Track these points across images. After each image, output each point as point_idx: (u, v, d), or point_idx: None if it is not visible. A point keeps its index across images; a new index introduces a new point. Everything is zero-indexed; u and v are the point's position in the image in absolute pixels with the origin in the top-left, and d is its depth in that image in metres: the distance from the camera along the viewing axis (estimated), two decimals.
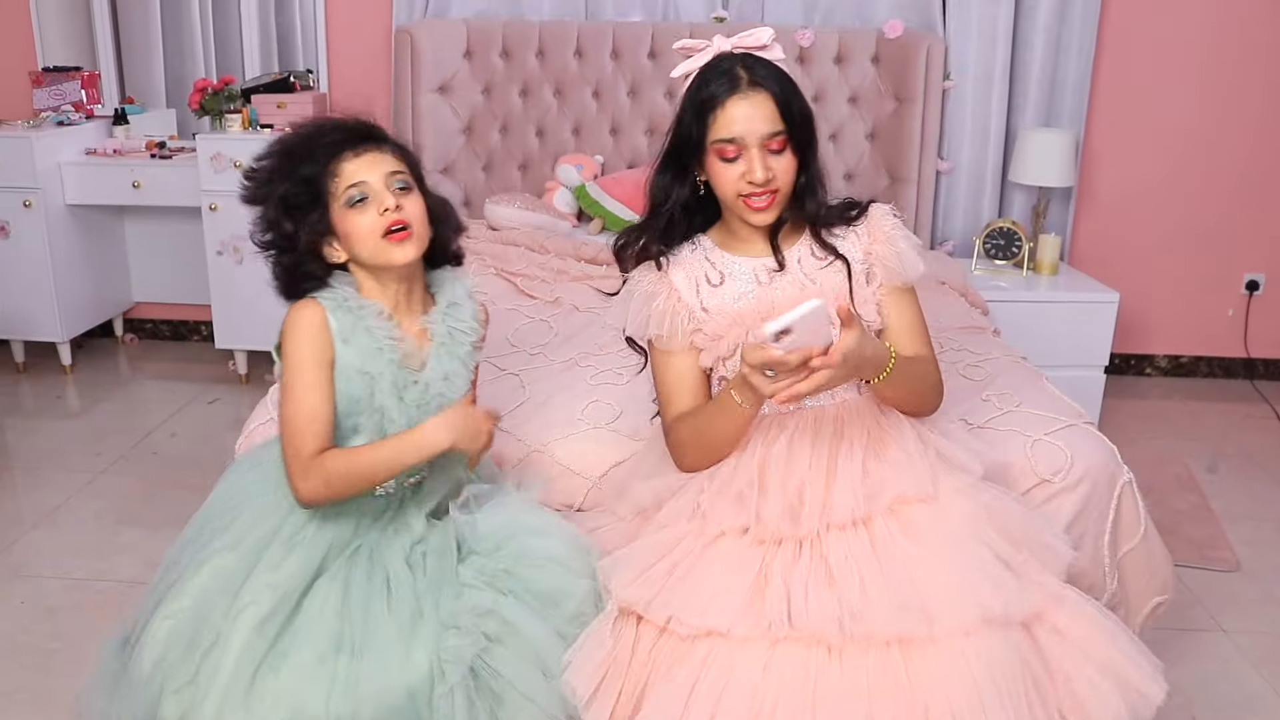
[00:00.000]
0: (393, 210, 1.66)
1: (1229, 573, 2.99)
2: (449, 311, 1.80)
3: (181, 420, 3.90)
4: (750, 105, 1.71)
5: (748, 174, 1.71)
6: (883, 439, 1.77)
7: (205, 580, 1.67)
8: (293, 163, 1.68)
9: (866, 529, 1.66)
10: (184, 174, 4.06)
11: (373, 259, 1.69)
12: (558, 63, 4.09)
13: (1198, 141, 4.29)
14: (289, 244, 1.68)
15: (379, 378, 1.70)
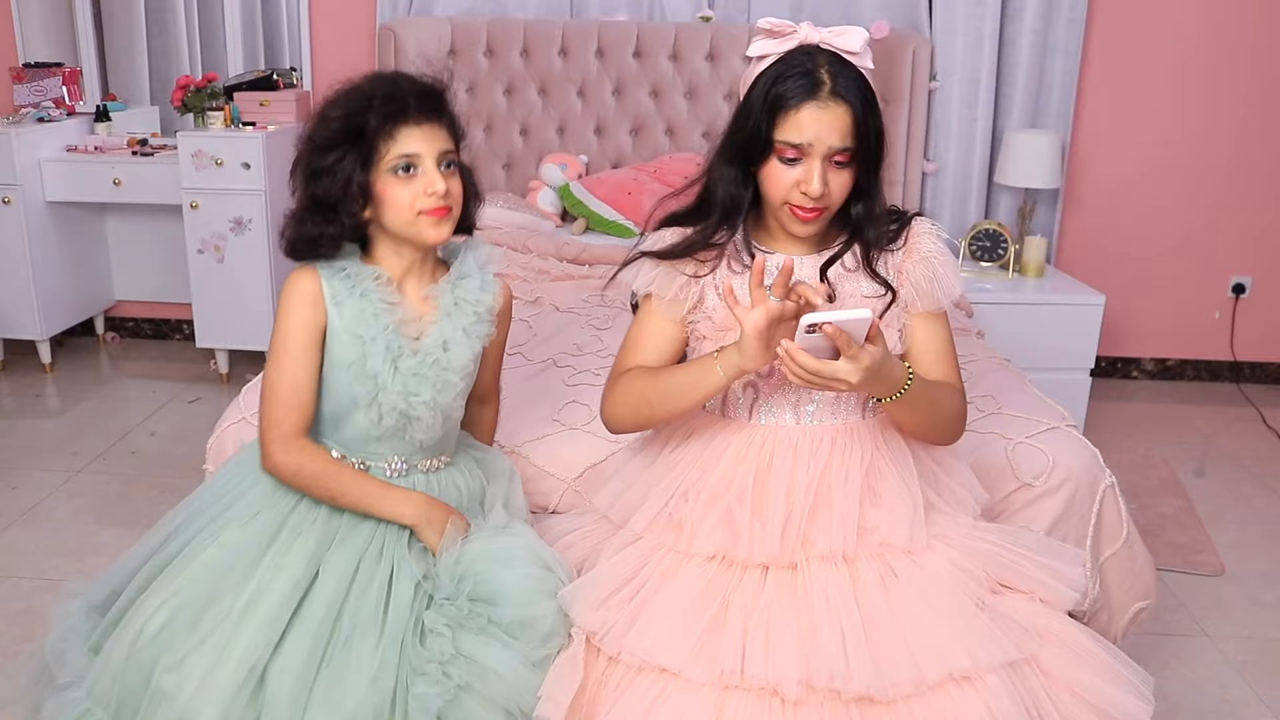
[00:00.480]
0: (439, 195, 1.62)
1: (1213, 577, 2.98)
2: (457, 282, 1.76)
3: (161, 420, 3.87)
4: (825, 115, 1.57)
5: (803, 183, 1.59)
6: (879, 472, 1.69)
7: (218, 556, 1.65)
8: (358, 110, 1.61)
9: (849, 567, 1.60)
10: (165, 172, 4.03)
11: (403, 231, 1.65)
12: (542, 61, 4.07)
13: (1184, 143, 4.28)
14: (324, 191, 1.63)
15: (372, 342, 1.66)
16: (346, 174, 1.60)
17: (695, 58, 4.07)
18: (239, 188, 3.91)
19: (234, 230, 3.93)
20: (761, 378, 1.69)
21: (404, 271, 1.72)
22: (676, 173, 3.99)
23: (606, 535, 1.76)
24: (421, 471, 1.77)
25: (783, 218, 1.66)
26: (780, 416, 1.71)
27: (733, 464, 1.68)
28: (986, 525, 1.72)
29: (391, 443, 1.73)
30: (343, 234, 1.66)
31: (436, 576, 1.66)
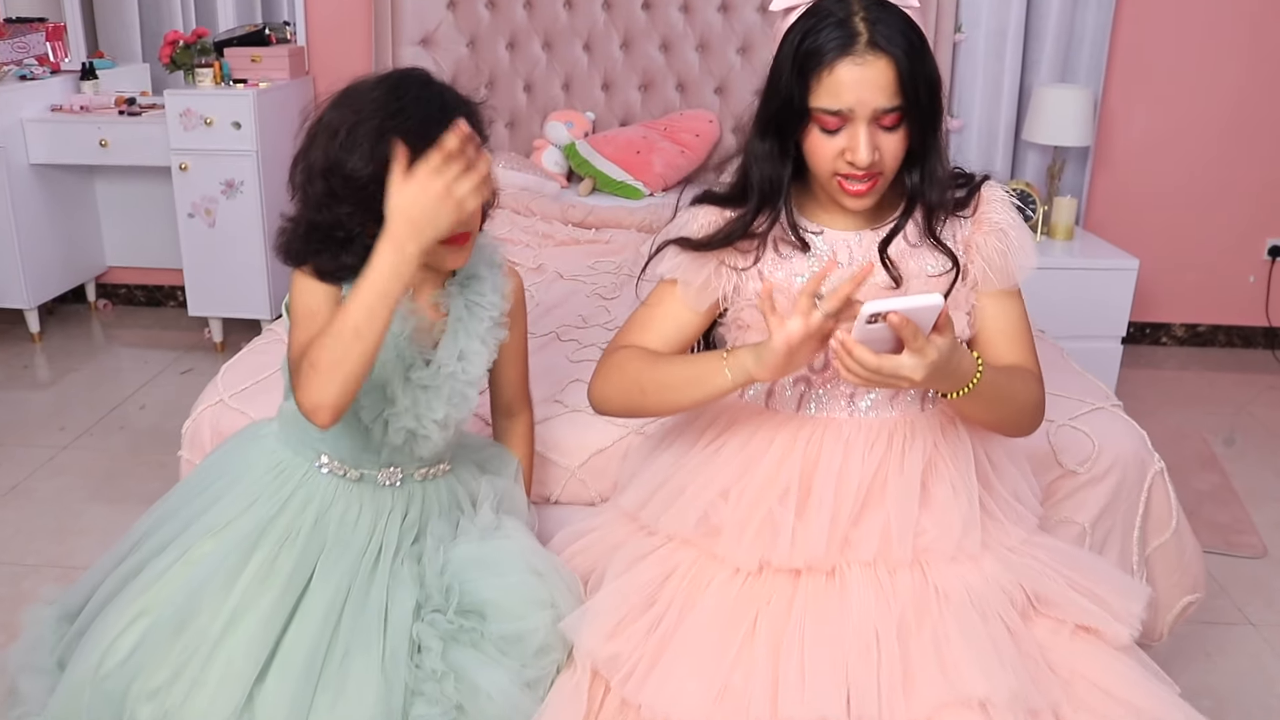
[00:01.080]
0: (462, 223, 1.42)
1: (1255, 559, 2.82)
2: (467, 284, 1.60)
3: (152, 392, 3.72)
4: (865, 72, 1.35)
5: (849, 152, 1.39)
6: (936, 471, 1.51)
7: (189, 571, 1.49)
8: (365, 132, 1.40)
9: (891, 577, 1.44)
10: (154, 132, 3.86)
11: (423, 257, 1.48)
12: (547, 13, 3.89)
13: (1221, 99, 4.08)
14: (326, 224, 1.45)
15: (383, 350, 1.49)
16: (375, 208, 1.38)
17: (708, 9, 3.88)
18: (230, 148, 3.73)
19: (225, 193, 3.77)
20: (815, 371, 1.52)
21: (415, 282, 1.55)
22: (688, 130, 3.81)
23: (623, 538, 1.59)
24: (418, 481, 1.62)
25: (833, 191, 1.46)
26: (832, 408, 1.53)
27: (777, 461, 1.51)
28: (1040, 540, 1.55)
29: (391, 454, 1.58)
30: (359, 265, 1.43)
31: (426, 585, 1.51)
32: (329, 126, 1.43)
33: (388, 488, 1.59)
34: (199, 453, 1.96)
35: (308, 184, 1.45)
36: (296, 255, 1.48)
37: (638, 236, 3.07)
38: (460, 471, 1.69)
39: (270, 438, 1.61)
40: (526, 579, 1.51)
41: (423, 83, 1.45)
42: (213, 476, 1.60)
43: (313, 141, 1.44)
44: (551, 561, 1.56)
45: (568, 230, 3.09)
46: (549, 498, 1.93)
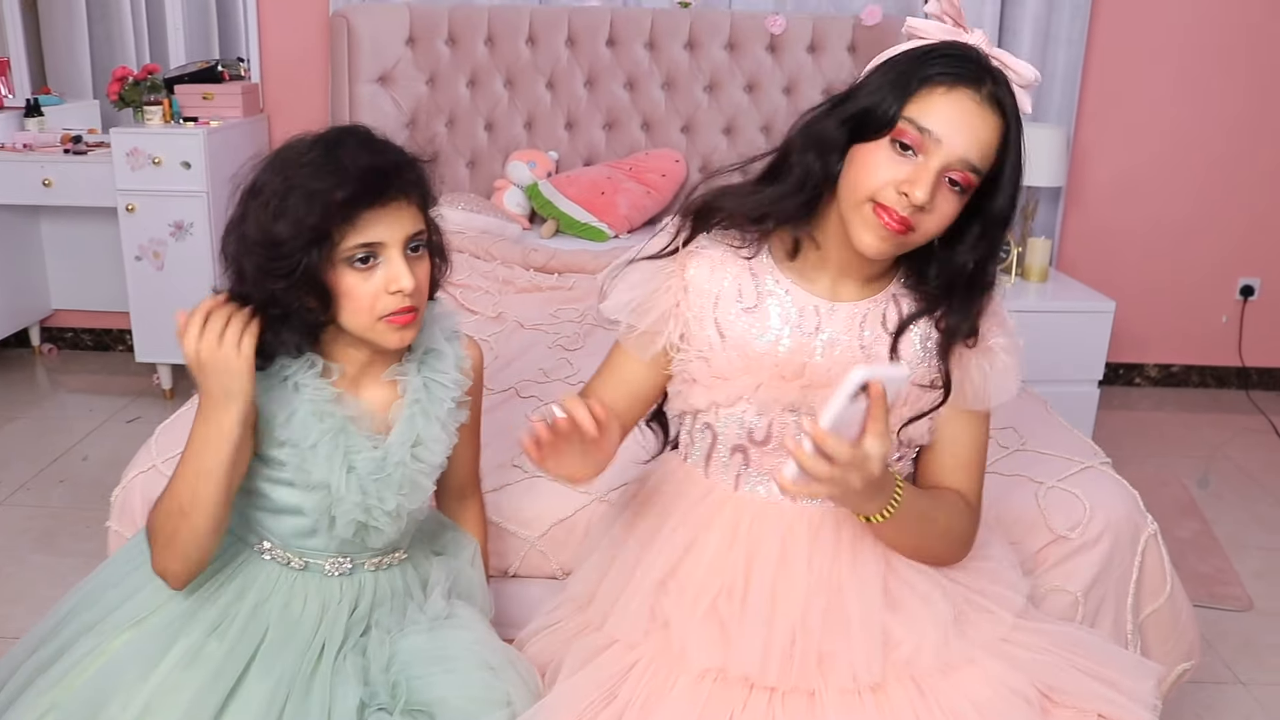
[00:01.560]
0: (405, 294, 1.33)
1: (1241, 612, 2.73)
2: (426, 360, 1.46)
3: (97, 441, 3.56)
4: (975, 115, 1.23)
5: (908, 184, 1.24)
6: (894, 567, 1.38)
7: (102, 662, 1.35)
8: (295, 199, 1.28)
9: (874, 696, 1.31)
10: (100, 171, 3.71)
11: (361, 334, 1.36)
12: (508, 51, 3.79)
13: (1193, 139, 4.05)
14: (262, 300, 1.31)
15: (311, 450, 1.37)
16: (303, 276, 1.29)
17: (673, 46, 3.79)
18: (179, 189, 3.59)
19: (174, 235, 3.63)
20: (755, 443, 1.40)
21: (359, 370, 1.43)
22: (654, 170, 3.72)
23: (580, 629, 1.46)
24: (369, 570, 1.49)
25: (856, 220, 1.29)
26: (773, 489, 1.41)
27: (717, 547, 1.39)
28: (1035, 625, 1.42)
29: (341, 544, 1.44)
30: (301, 344, 1.36)
31: (371, 681, 1.38)
32: (260, 193, 1.30)
33: (336, 577, 1.46)
34: (129, 524, 1.82)
35: (241, 257, 1.31)
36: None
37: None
38: (416, 557, 1.56)
39: None
40: (479, 675, 1.38)
41: (362, 141, 1.33)
42: (141, 558, 1.45)
43: (244, 209, 1.32)
44: (507, 654, 1.43)
45: (529, 276, 2.97)
46: (507, 571, 1.80)
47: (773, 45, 3.78)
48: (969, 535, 1.41)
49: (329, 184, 1.27)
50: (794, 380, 1.36)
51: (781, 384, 1.36)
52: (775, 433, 1.37)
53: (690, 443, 1.47)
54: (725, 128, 3.84)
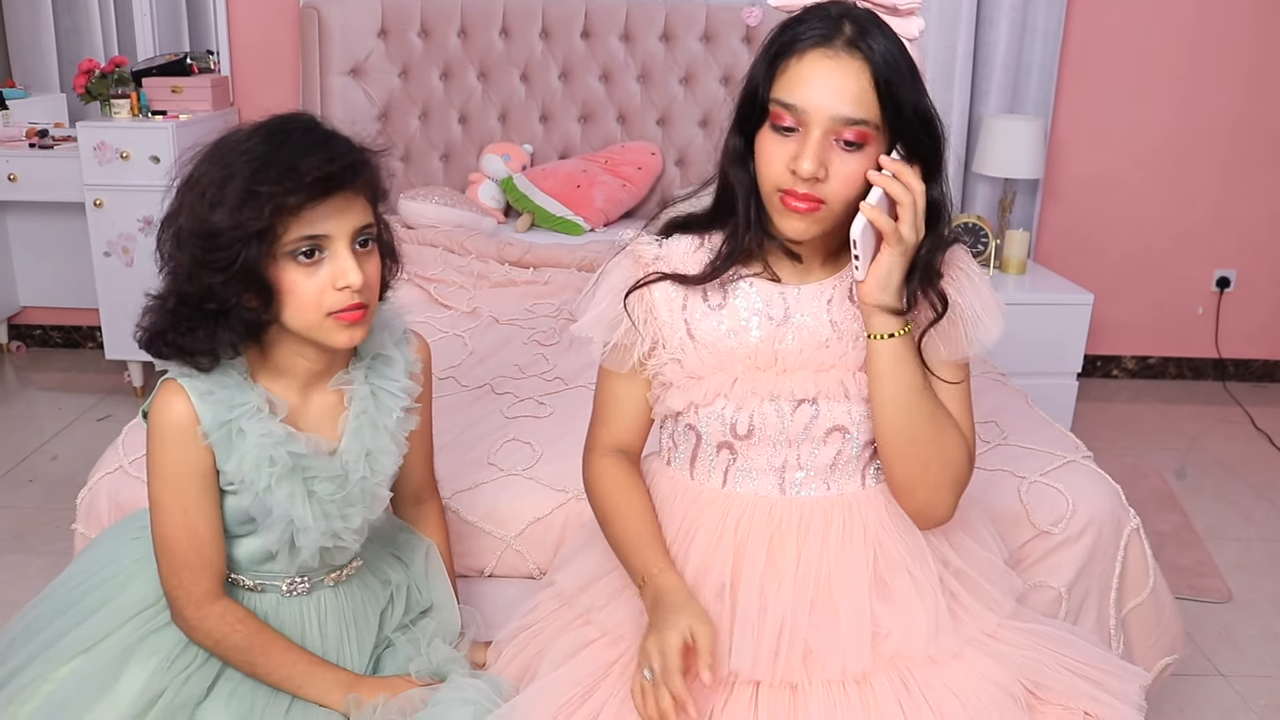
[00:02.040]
0: (353, 290, 1.25)
1: (1221, 604, 2.73)
2: (373, 366, 1.40)
3: (66, 440, 3.50)
4: (835, 67, 1.21)
5: (793, 160, 1.23)
6: (887, 554, 1.36)
7: (48, 691, 1.31)
8: (234, 189, 1.20)
9: (858, 688, 1.29)
10: (66, 166, 3.65)
11: (306, 333, 1.29)
12: (482, 42, 3.74)
13: (1169, 130, 4.04)
14: (197, 296, 1.25)
15: (266, 492, 1.31)
16: (241, 270, 1.22)
17: (649, 38, 3.76)
18: (147, 183, 3.52)
19: (143, 230, 3.57)
20: (739, 438, 1.37)
21: (307, 376, 1.36)
22: (629, 163, 3.69)
23: (562, 628, 1.43)
24: (329, 586, 1.44)
25: (772, 212, 1.29)
26: (761, 483, 1.39)
27: (707, 547, 1.36)
28: (1022, 624, 1.40)
29: (298, 567, 1.40)
30: (238, 342, 1.29)
31: None
32: (197, 184, 1.23)
33: (294, 598, 1.41)
34: (96, 526, 1.77)
35: (176, 251, 1.25)
36: (164, 338, 1.27)
37: (578, 276, 2.92)
38: (373, 561, 1.52)
39: (149, 542, 1.41)
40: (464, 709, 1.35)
41: (305, 128, 1.26)
42: (88, 585, 1.40)
43: (181, 202, 1.25)
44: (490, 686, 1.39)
45: (504, 270, 2.94)
46: (483, 571, 1.77)
47: (749, 37, 3.75)
48: (963, 475, 1.35)
49: (271, 181, 1.20)
50: (769, 369, 1.35)
51: (757, 375, 1.35)
52: (757, 425, 1.35)
53: (673, 446, 1.44)
54: (701, 120, 3.81)
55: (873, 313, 1.28)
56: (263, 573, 1.39)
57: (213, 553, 1.32)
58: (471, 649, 1.52)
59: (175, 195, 1.26)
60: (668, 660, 1.22)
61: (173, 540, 1.31)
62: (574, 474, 1.75)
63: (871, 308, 1.28)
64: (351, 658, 1.43)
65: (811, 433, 1.36)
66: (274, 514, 1.32)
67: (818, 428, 1.36)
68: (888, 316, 1.27)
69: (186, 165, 1.27)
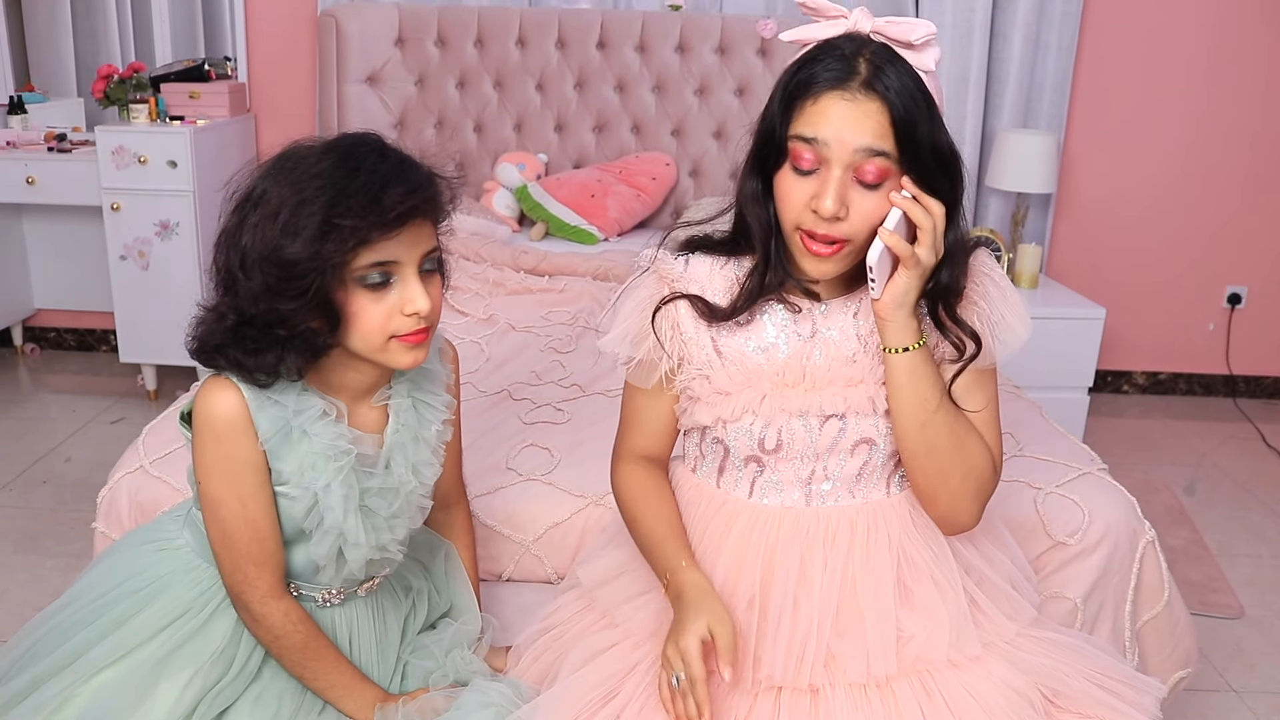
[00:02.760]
0: (420, 316, 1.25)
1: (1233, 620, 2.73)
2: (415, 380, 1.40)
3: (79, 443, 3.52)
4: (852, 110, 1.21)
5: (815, 199, 1.23)
6: (911, 561, 1.37)
7: (86, 704, 1.30)
8: (313, 219, 1.19)
9: (880, 692, 1.30)
10: (84, 170, 3.67)
11: (370, 355, 1.28)
12: (498, 52, 3.76)
13: (1181, 146, 4.05)
14: (264, 319, 1.24)
15: (325, 491, 1.31)
16: (322, 302, 1.22)
17: (664, 49, 3.78)
18: (165, 188, 3.56)
19: (160, 234, 3.59)
20: (767, 452, 1.38)
21: (356, 390, 1.36)
22: (644, 173, 3.70)
23: (585, 629, 1.43)
24: (360, 597, 1.45)
25: (794, 250, 1.30)
26: (787, 496, 1.39)
27: (735, 559, 1.37)
28: (1041, 634, 1.40)
29: (334, 578, 1.40)
30: (304, 366, 1.28)
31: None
32: (267, 204, 1.22)
33: (327, 609, 1.42)
34: (116, 526, 1.78)
35: (241, 272, 1.23)
36: (224, 353, 1.26)
37: (593, 285, 2.94)
38: (395, 569, 1.52)
39: (186, 549, 1.41)
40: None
41: (378, 153, 1.25)
42: (115, 596, 1.38)
43: (243, 219, 1.23)
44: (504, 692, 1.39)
45: (519, 278, 2.95)
46: (501, 575, 1.78)
47: (764, 49, 3.77)
48: (987, 484, 1.36)
49: (354, 215, 1.19)
50: (797, 385, 1.35)
51: (785, 391, 1.35)
52: (785, 440, 1.36)
53: (700, 456, 1.45)
54: (716, 131, 3.83)
55: (888, 326, 1.29)
56: (304, 582, 1.40)
57: (274, 546, 1.32)
58: (490, 654, 1.52)
59: (235, 210, 1.25)
60: (691, 669, 1.23)
61: (233, 537, 1.30)
62: (592, 479, 1.77)
63: (886, 322, 1.29)
64: (377, 667, 1.44)
65: (839, 446, 1.36)
66: (325, 523, 1.32)
67: (845, 441, 1.36)
68: (903, 330, 1.28)
69: (247, 179, 1.26)
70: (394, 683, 1.46)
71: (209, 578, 1.38)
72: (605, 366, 2.31)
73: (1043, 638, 1.38)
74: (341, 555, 1.35)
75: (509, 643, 1.53)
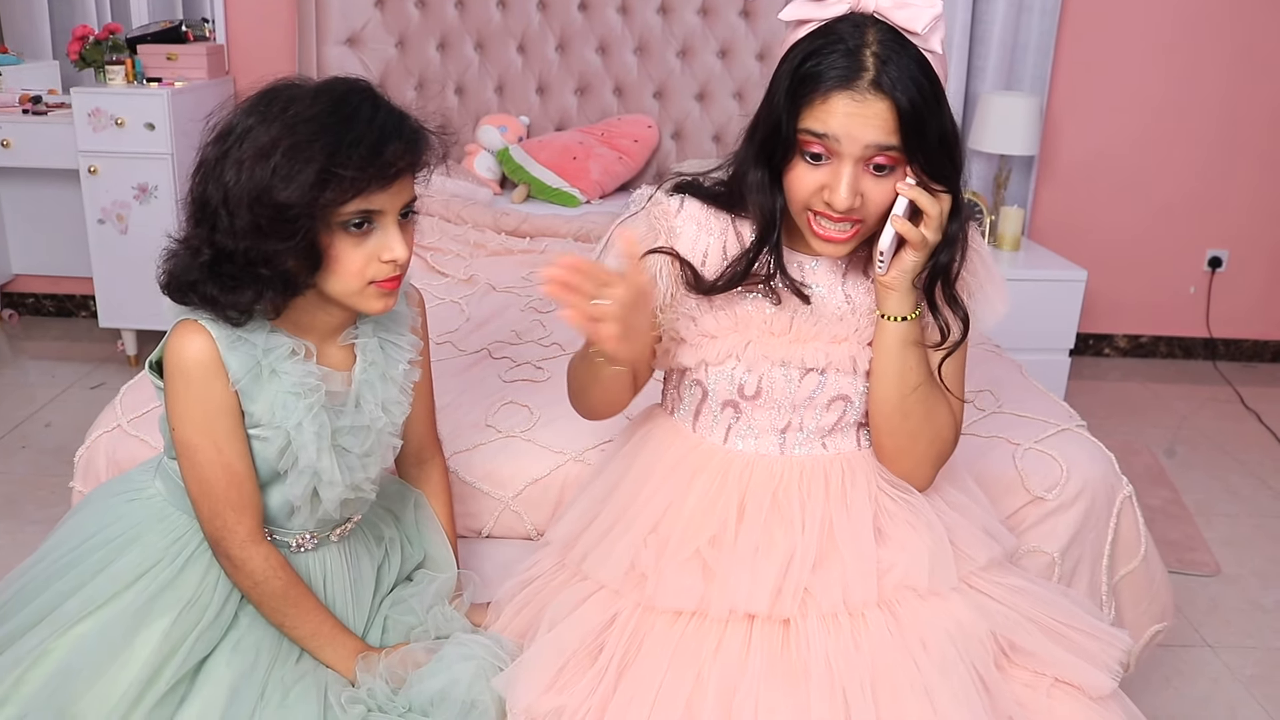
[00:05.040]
0: (398, 263, 1.28)
1: (1209, 577, 2.75)
2: (381, 321, 1.41)
3: (59, 408, 3.50)
4: (862, 112, 1.22)
5: (829, 191, 1.25)
6: (886, 510, 1.39)
7: (64, 656, 1.29)
8: (311, 166, 1.19)
9: (851, 622, 1.31)
10: (60, 132, 3.63)
11: (345, 299, 1.29)
12: (479, 13, 3.73)
13: (1163, 110, 4.05)
14: (247, 257, 1.23)
15: (297, 429, 1.31)
16: (310, 244, 1.22)
17: (646, 10, 3.75)
18: (142, 150, 3.52)
19: (138, 198, 3.56)
20: (746, 398, 1.38)
21: (323, 331, 1.36)
22: (626, 136, 3.69)
23: (562, 585, 1.44)
24: (334, 541, 1.45)
25: (803, 228, 1.31)
26: (762, 443, 1.41)
27: (703, 500, 1.38)
28: (1009, 580, 1.40)
29: (308, 520, 1.40)
30: (282, 304, 1.28)
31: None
32: (255, 142, 1.21)
33: (301, 554, 1.42)
34: (93, 485, 1.78)
35: (224, 208, 1.22)
36: (196, 289, 1.26)
37: (574, 246, 2.93)
38: (368, 517, 1.52)
39: (158, 498, 1.41)
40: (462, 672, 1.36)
41: (372, 103, 1.25)
42: (87, 548, 1.38)
43: (225, 152, 1.22)
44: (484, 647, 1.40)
45: (500, 239, 2.94)
46: (481, 532, 1.78)
47: (746, 10, 3.74)
48: (947, 451, 1.41)
49: (355, 166, 1.20)
50: (783, 336, 1.36)
51: (770, 340, 1.36)
52: (765, 387, 1.37)
53: (678, 399, 1.46)
54: (698, 94, 3.81)
55: (890, 296, 1.32)
56: (277, 527, 1.40)
57: (250, 489, 1.32)
58: (470, 610, 1.53)
59: (216, 142, 1.24)
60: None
61: (210, 481, 1.30)
62: (571, 436, 1.77)
63: (891, 291, 1.32)
64: (352, 614, 1.45)
65: (816, 400, 1.38)
66: (300, 463, 1.32)
67: (823, 395, 1.38)
68: (903, 300, 1.32)
69: (229, 113, 1.25)
70: (373, 635, 1.47)
71: (181, 526, 1.38)
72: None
73: (1010, 585, 1.39)
74: (317, 495, 1.36)
75: (489, 598, 1.53)
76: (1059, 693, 1.32)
